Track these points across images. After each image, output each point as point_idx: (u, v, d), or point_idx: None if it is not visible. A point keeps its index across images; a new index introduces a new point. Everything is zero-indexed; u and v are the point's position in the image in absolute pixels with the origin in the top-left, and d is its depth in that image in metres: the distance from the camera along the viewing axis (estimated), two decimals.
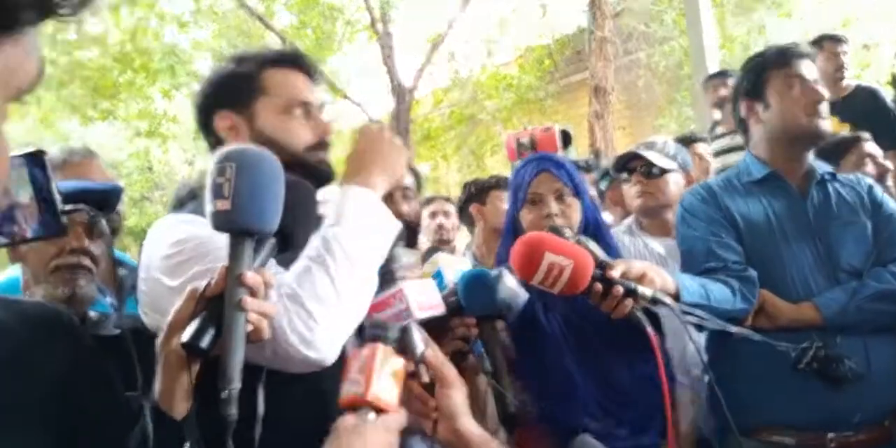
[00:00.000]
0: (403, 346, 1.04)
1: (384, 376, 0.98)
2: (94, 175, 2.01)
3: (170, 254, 1.13)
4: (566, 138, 2.67)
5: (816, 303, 1.65)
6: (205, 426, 0.95)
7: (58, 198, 0.91)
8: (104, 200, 1.61)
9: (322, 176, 1.29)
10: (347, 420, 0.95)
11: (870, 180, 1.91)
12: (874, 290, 1.64)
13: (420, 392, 1.10)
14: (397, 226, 1.22)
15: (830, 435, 1.60)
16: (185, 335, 0.93)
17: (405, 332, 1.07)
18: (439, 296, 1.21)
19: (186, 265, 1.11)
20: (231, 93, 1.30)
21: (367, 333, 1.06)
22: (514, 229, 1.63)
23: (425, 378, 1.08)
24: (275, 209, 0.99)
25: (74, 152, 2.07)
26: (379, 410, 0.97)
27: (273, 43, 9.35)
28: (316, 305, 1.07)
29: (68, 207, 0.97)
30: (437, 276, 1.36)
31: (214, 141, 1.31)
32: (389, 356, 1.01)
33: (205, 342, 0.93)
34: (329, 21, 9.49)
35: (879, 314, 1.63)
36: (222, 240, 1.01)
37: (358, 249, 1.13)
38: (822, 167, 1.88)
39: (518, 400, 1.30)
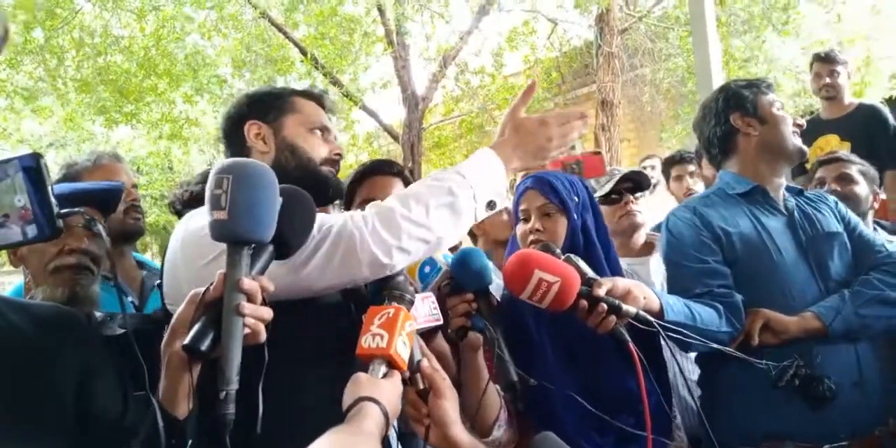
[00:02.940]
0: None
1: (403, 336, 1.07)
2: (120, 177, 2.17)
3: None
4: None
5: (817, 312, 1.68)
6: (208, 425, 0.98)
7: (54, 201, 0.92)
8: (105, 200, 1.65)
9: (331, 187, 1.39)
10: (363, 375, 1.04)
11: (831, 196, 2.01)
12: (869, 297, 1.69)
13: (414, 399, 1.14)
14: (504, 202, 1.29)
15: (826, 446, 1.61)
16: (186, 338, 0.97)
17: None
18: (437, 308, 1.23)
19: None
20: (264, 107, 1.43)
21: (387, 294, 1.14)
22: (515, 241, 1.70)
23: (420, 385, 1.13)
24: (270, 219, 1.03)
25: (102, 156, 2.22)
26: (391, 364, 1.06)
27: (292, 52, 9.62)
28: (405, 224, 1.15)
29: (64, 211, 0.96)
30: (430, 262, 1.41)
31: (239, 149, 1.40)
32: (408, 319, 1.10)
33: (204, 345, 0.96)
34: (347, 32, 9.71)
35: (877, 319, 1.68)
36: None
37: (461, 197, 1.21)
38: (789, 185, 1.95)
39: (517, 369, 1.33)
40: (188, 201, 2.15)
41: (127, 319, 1.19)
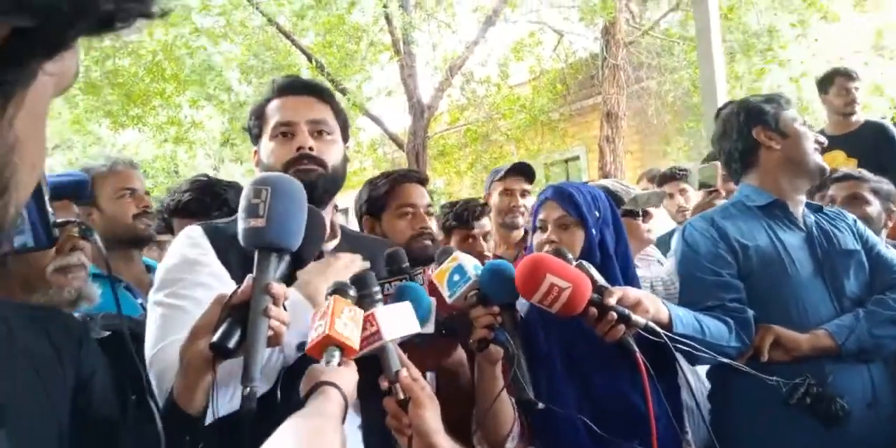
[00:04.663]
0: (371, 335, 1.12)
1: (344, 318, 1.07)
2: (134, 184, 2.20)
3: (167, 267, 1.29)
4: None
5: (829, 330, 1.67)
6: (213, 424, 1.02)
7: (50, 210, 0.91)
8: (76, 190, 1.64)
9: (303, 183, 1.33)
10: (319, 365, 1.05)
11: (852, 215, 1.99)
12: (884, 317, 1.68)
13: (395, 409, 1.13)
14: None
15: None
16: (215, 337, 1.00)
17: (383, 350, 1.13)
18: (413, 318, 1.22)
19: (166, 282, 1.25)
20: (252, 130, 1.48)
21: (327, 291, 1.16)
22: (531, 251, 1.64)
23: (400, 395, 1.12)
24: (300, 229, 1.11)
25: (118, 162, 2.25)
26: (342, 349, 1.05)
27: (299, 59, 9.68)
28: None
29: (60, 220, 0.97)
30: (459, 269, 1.40)
31: None
32: (347, 305, 1.10)
33: (231, 343, 1.00)
34: (353, 41, 9.78)
35: (891, 340, 1.67)
36: (205, 270, 1.21)
37: None
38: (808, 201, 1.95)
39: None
40: (175, 210, 2.18)
41: (124, 321, 1.22)
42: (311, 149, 1.37)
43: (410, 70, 10.18)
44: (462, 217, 2.45)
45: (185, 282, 1.23)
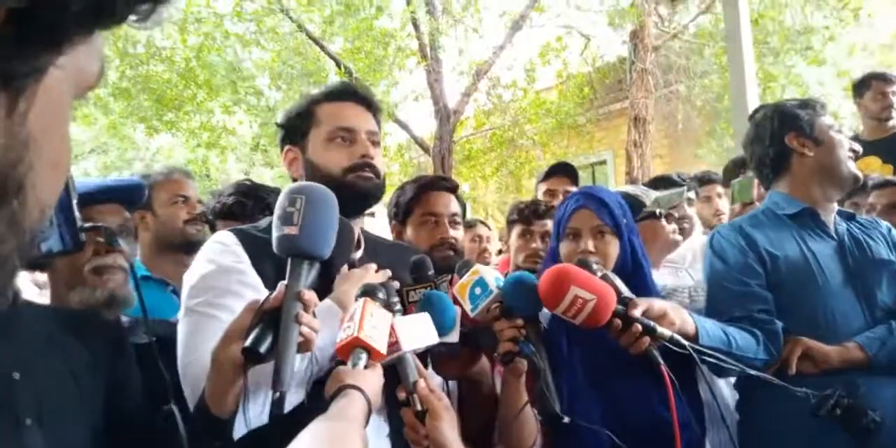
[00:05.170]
0: (392, 347, 1.12)
1: (373, 321, 1.09)
2: (188, 192, 2.31)
3: (201, 274, 1.28)
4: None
5: (860, 342, 1.64)
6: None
7: (78, 215, 0.91)
8: (129, 195, 1.69)
9: (359, 191, 1.38)
10: (345, 367, 1.06)
11: (886, 223, 1.94)
12: None
13: (412, 420, 1.14)
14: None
15: None
16: (247, 341, 1.01)
17: (401, 361, 1.14)
18: (432, 328, 1.21)
19: (197, 291, 1.25)
20: (292, 128, 1.47)
21: (357, 293, 1.19)
22: (553, 260, 1.62)
23: (418, 406, 1.13)
24: (332, 239, 1.14)
25: (174, 171, 2.38)
26: (369, 352, 1.06)
27: (328, 65, 9.80)
28: None
29: (87, 225, 0.97)
30: (480, 283, 1.38)
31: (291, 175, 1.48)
32: (377, 308, 1.12)
33: (263, 348, 1.01)
34: (381, 46, 9.86)
35: None
36: (236, 276, 1.22)
37: None
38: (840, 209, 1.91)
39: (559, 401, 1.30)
40: (220, 213, 2.26)
41: (151, 325, 1.22)
42: (371, 158, 1.41)
43: (437, 75, 10.21)
44: (523, 213, 2.47)
45: (219, 290, 1.23)
